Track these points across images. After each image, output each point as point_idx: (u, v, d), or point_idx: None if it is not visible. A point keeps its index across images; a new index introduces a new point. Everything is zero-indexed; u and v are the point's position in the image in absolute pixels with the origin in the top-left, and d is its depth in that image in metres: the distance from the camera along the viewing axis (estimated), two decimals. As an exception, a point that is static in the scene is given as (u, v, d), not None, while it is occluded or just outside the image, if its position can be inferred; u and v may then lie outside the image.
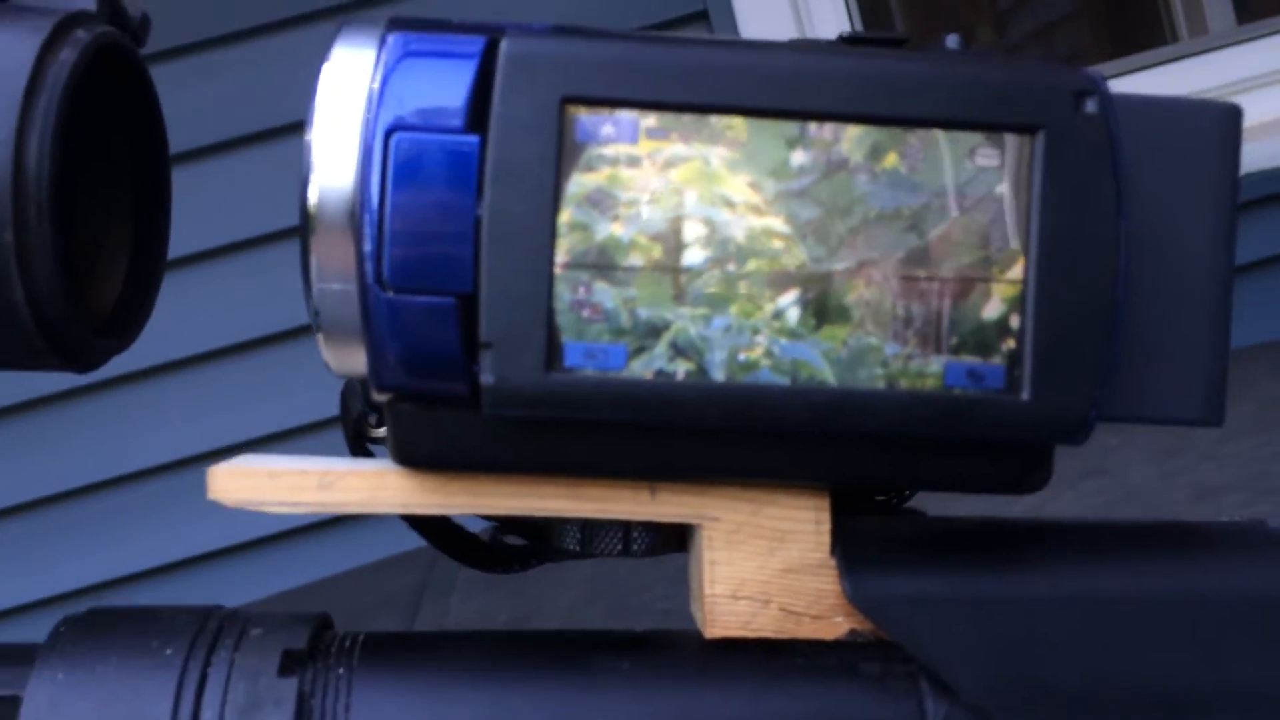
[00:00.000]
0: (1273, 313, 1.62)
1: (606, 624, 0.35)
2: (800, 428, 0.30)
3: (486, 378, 0.29)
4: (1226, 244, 0.32)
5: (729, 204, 0.29)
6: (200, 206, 1.63)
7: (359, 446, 0.36)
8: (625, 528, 0.33)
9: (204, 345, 1.72)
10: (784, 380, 0.29)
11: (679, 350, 0.29)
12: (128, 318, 0.35)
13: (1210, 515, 1.14)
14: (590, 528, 0.33)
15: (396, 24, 0.30)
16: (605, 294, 0.29)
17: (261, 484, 0.32)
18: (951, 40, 0.35)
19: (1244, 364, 1.49)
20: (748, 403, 0.29)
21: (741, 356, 0.29)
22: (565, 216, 0.29)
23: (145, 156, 0.36)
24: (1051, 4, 2.51)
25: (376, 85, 0.29)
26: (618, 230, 0.29)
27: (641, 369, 0.29)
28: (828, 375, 0.30)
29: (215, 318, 1.70)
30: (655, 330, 0.29)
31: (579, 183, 0.29)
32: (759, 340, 0.29)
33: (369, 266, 0.28)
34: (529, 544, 0.37)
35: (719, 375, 0.29)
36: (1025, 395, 0.30)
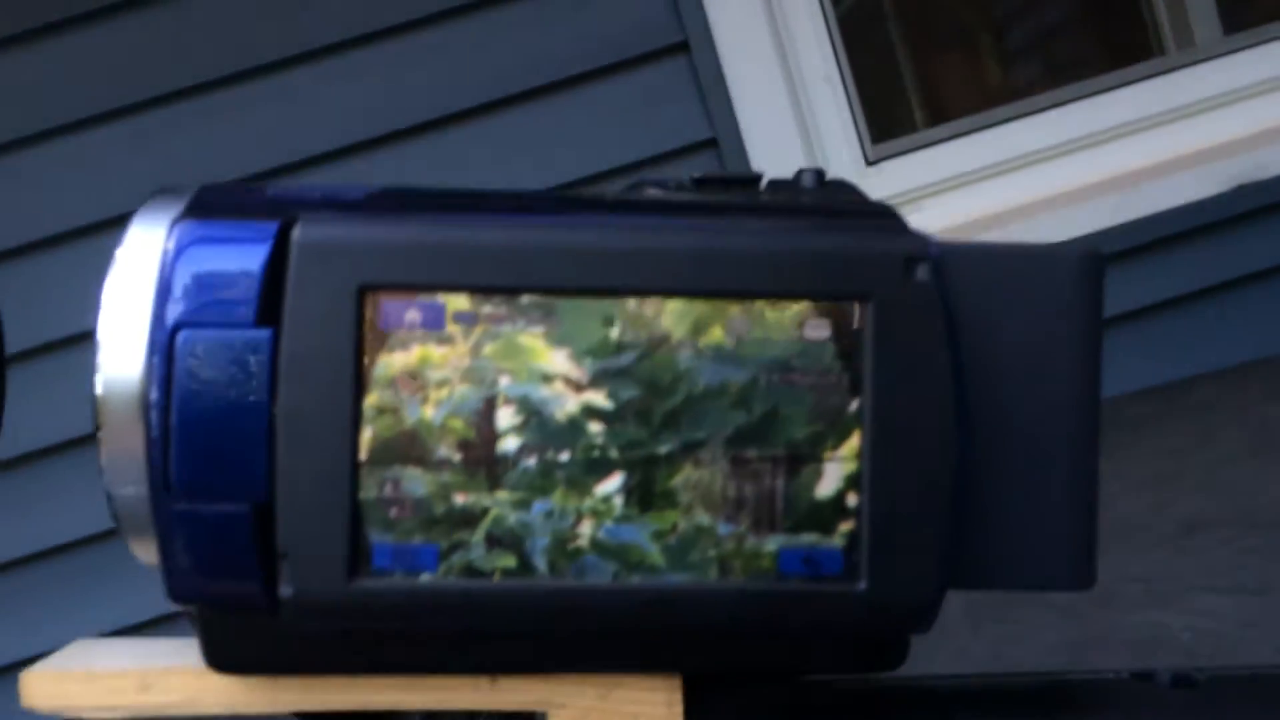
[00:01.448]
0: (1266, 328, 1.59)
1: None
2: (626, 625, 0.28)
3: (285, 590, 0.27)
4: (1089, 397, 0.30)
5: (546, 381, 0.28)
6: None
7: None
8: (469, 715, 0.32)
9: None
10: (611, 566, 0.28)
11: (496, 540, 0.28)
12: None
13: (1200, 550, 1.11)
14: (432, 717, 0.32)
15: (196, 204, 0.28)
16: (416, 482, 0.27)
17: (77, 689, 0.30)
18: (808, 177, 0.33)
19: (1237, 384, 1.46)
20: (568, 603, 0.28)
21: (565, 543, 0.28)
22: (371, 401, 0.27)
23: None
24: (1042, 14, 2.48)
25: (162, 276, 0.27)
26: (428, 413, 0.27)
27: (457, 564, 0.28)
28: (658, 559, 0.28)
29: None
30: (470, 519, 0.28)
31: (385, 364, 0.27)
32: (583, 525, 0.28)
33: (156, 472, 0.27)
34: None
35: (541, 564, 0.28)
36: (862, 583, 0.28)
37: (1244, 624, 0.94)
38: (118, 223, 0.29)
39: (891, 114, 2.17)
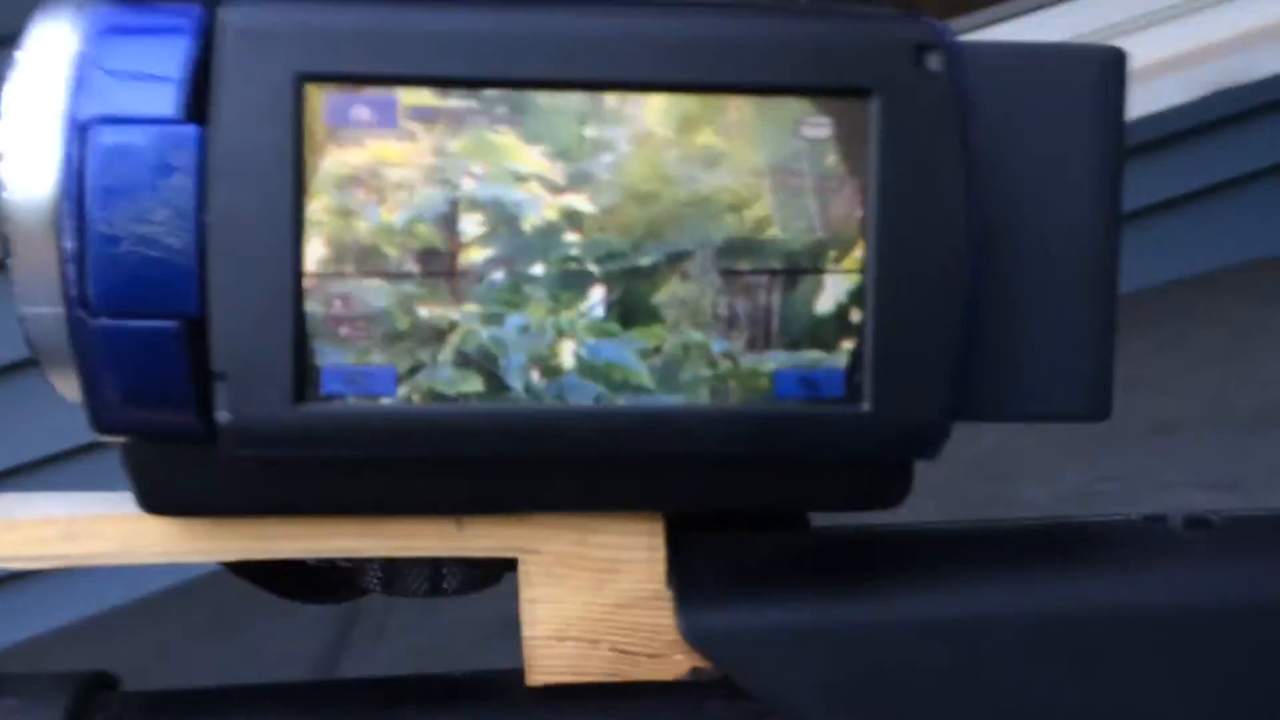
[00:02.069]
0: (1240, 234, 1.58)
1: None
2: (608, 453, 0.25)
3: (222, 415, 0.24)
4: (1110, 212, 0.28)
5: (520, 181, 0.25)
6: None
7: None
8: (433, 565, 0.29)
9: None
10: (595, 387, 0.25)
11: (467, 359, 0.25)
12: None
13: (1174, 450, 1.11)
14: (392, 566, 0.29)
15: None
16: (374, 294, 0.24)
17: (-3, 537, 0.27)
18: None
19: (1212, 289, 1.45)
20: (542, 428, 0.25)
21: (543, 362, 0.25)
22: (322, 204, 0.24)
23: None
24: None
25: (73, 67, 0.24)
26: (389, 216, 0.24)
27: (420, 388, 0.25)
28: (645, 379, 0.25)
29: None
30: (438, 334, 0.25)
31: (339, 162, 0.24)
32: (562, 342, 0.25)
33: (73, 287, 0.24)
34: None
35: (516, 385, 0.25)
36: (866, 405, 0.25)
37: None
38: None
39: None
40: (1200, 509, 0.31)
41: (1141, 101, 1.61)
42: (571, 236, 0.25)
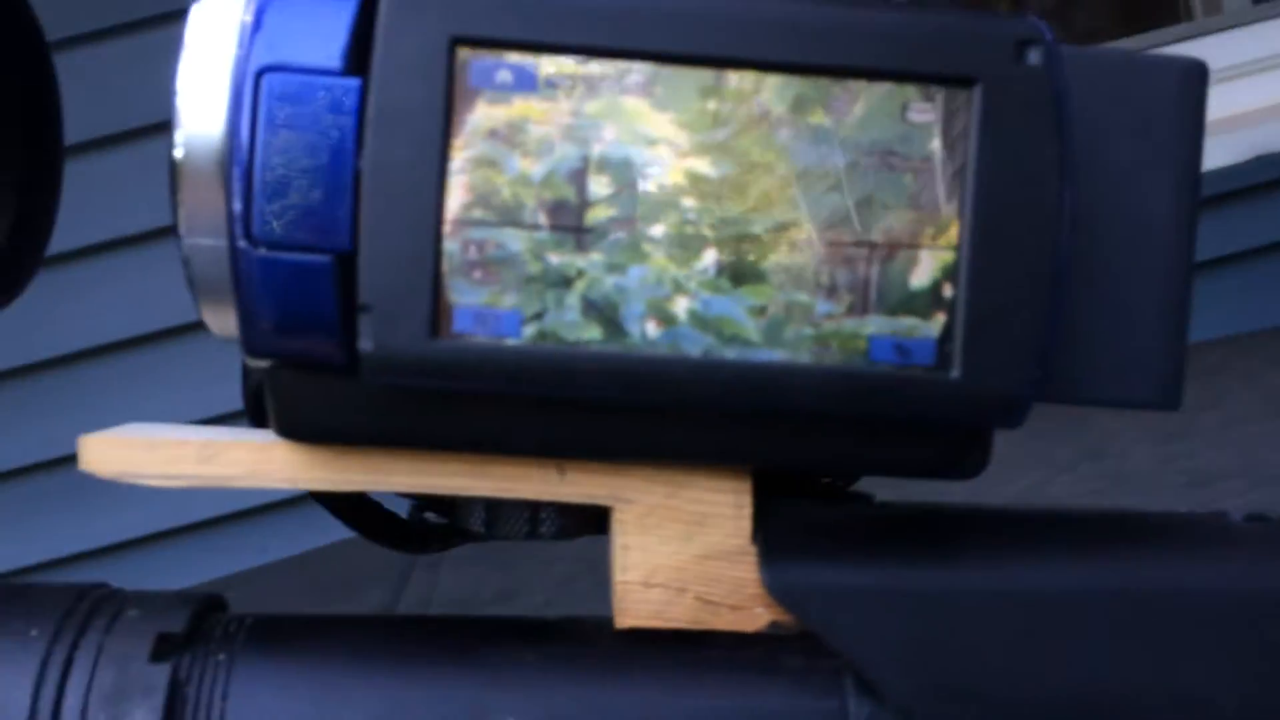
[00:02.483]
0: (1276, 300, 1.59)
1: (597, 598, 0.32)
2: (710, 404, 0.27)
3: (365, 344, 0.26)
4: (1187, 212, 0.30)
5: (650, 144, 0.27)
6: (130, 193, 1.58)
7: (260, 417, 0.34)
8: (532, 508, 0.31)
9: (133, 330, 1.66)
10: (706, 338, 0.27)
11: (591, 305, 0.27)
12: (12, 272, 0.33)
13: (1210, 501, 1.12)
14: (495, 508, 0.31)
15: None
16: (512, 239, 0.27)
17: (137, 455, 0.30)
18: (899, -14, 0.32)
19: (1247, 351, 1.46)
20: (652, 376, 0.27)
21: (660, 311, 0.27)
22: (464, 157, 0.26)
23: (34, 105, 0.34)
24: (1067, -20, 2.46)
25: (248, 21, 0.26)
26: (527, 169, 0.27)
27: (544, 331, 0.27)
28: (752, 334, 0.27)
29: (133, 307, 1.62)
30: (566, 280, 0.27)
31: (482, 119, 0.26)
32: (679, 294, 0.27)
33: (238, 221, 0.26)
34: (449, 522, 0.35)
35: (634, 331, 0.27)
36: (955, 373, 0.27)
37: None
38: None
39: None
40: (1259, 509, 0.33)
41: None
42: (690, 201, 0.27)
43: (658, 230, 0.27)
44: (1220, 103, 1.70)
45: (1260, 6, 1.77)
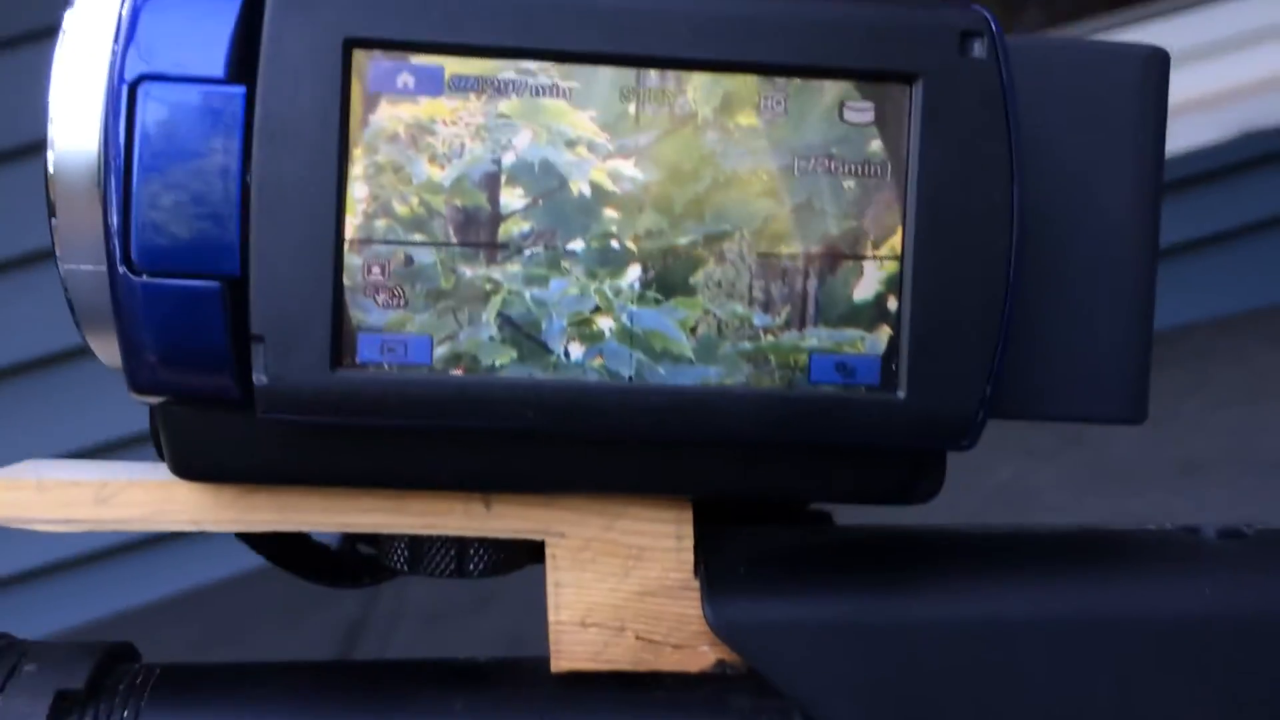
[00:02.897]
0: (1264, 278, 1.57)
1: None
2: (638, 432, 0.25)
3: (259, 377, 0.24)
4: (1150, 210, 0.28)
5: (570, 146, 0.25)
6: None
7: None
8: (459, 545, 0.29)
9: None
10: (634, 354, 0.25)
11: (509, 321, 0.25)
12: None
13: (1197, 490, 1.10)
14: (418, 544, 0.29)
15: None
16: (421, 253, 0.24)
17: (28, 498, 0.27)
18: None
19: (1238, 331, 1.44)
20: (575, 404, 0.25)
21: (584, 326, 0.25)
22: (365, 168, 0.24)
23: None
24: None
25: (122, 27, 0.24)
26: (436, 174, 0.24)
27: (457, 353, 0.25)
28: (685, 349, 0.25)
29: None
30: (480, 296, 0.25)
31: (384, 126, 0.24)
32: (604, 307, 0.25)
33: (115, 245, 0.24)
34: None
35: (557, 348, 0.25)
36: (901, 393, 0.25)
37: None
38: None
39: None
40: (1233, 522, 0.31)
41: (1169, 140, 1.60)
42: (609, 213, 0.25)
43: (577, 245, 0.25)
44: (1205, 79, 1.68)
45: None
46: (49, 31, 0.26)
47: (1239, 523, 0.31)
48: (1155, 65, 0.27)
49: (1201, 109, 1.64)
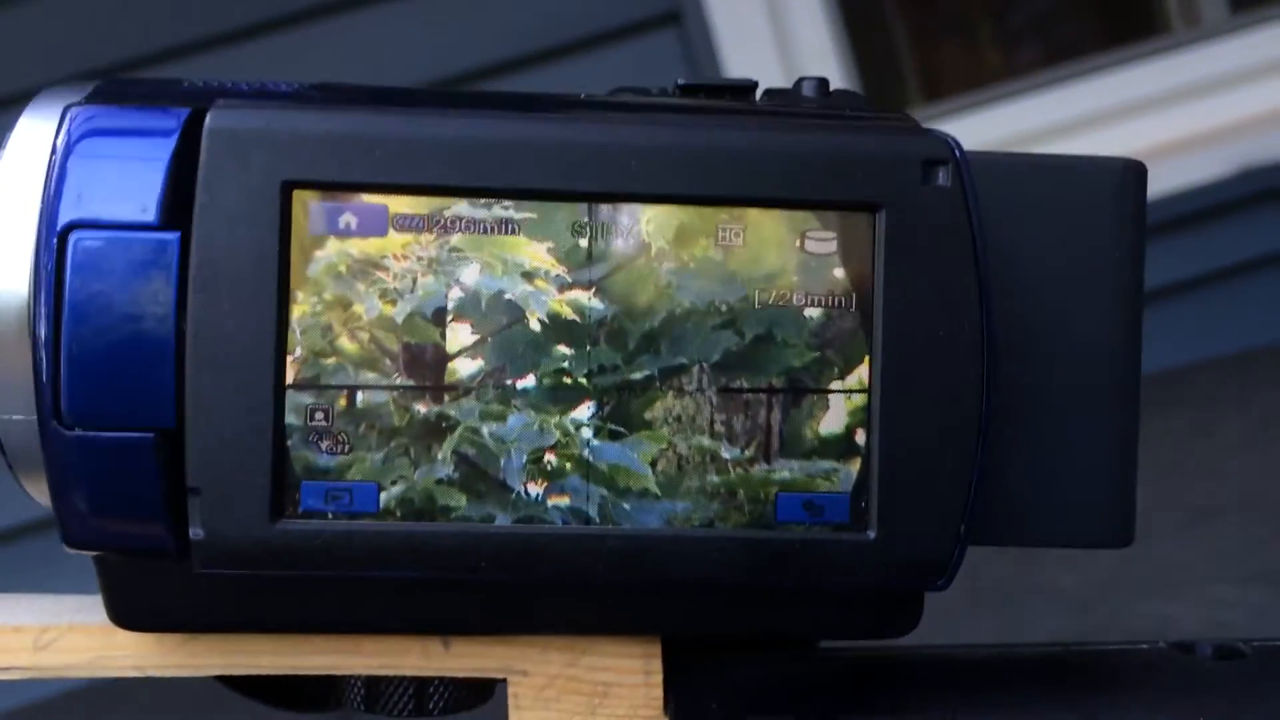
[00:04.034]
0: (1268, 316, 1.55)
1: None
2: (596, 579, 0.24)
3: (195, 531, 0.23)
4: (1132, 327, 0.26)
5: (527, 278, 0.24)
6: None
7: None
8: (418, 683, 0.28)
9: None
10: (598, 490, 0.24)
11: (465, 459, 0.24)
12: None
13: (1207, 541, 1.08)
14: (375, 684, 0.28)
15: (99, 92, 0.24)
16: (372, 392, 0.24)
17: (-36, 646, 0.26)
18: (808, 86, 0.29)
19: (1239, 372, 1.43)
20: (528, 550, 0.24)
21: (544, 462, 0.24)
22: (316, 301, 0.23)
23: None
24: (1044, -5, 2.44)
25: (53, 172, 0.23)
26: (389, 310, 0.24)
27: (407, 496, 0.24)
28: (650, 484, 0.24)
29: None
30: (437, 432, 0.24)
31: (339, 251, 0.23)
32: (565, 442, 0.24)
33: (46, 397, 0.23)
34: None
35: (516, 485, 0.24)
36: (871, 532, 0.24)
37: (1256, 613, 0.91)
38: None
39: (889, 93, 2.13)
40: (1227, 638, 0.30)
41: (1168, 178, 1.60)
42: (561, 349, 0.24)
43: (528, 381, 0.24)
44: (1203, 116, 1.67)
45: (1239, 16, 1.75)
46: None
47: (1236, 640, 0.30)
48: (1131, 177, 0.26)
49: (1200, 145, 1.63)
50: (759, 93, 0.29)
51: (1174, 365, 1.47)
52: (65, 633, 0.27)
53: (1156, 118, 1.67)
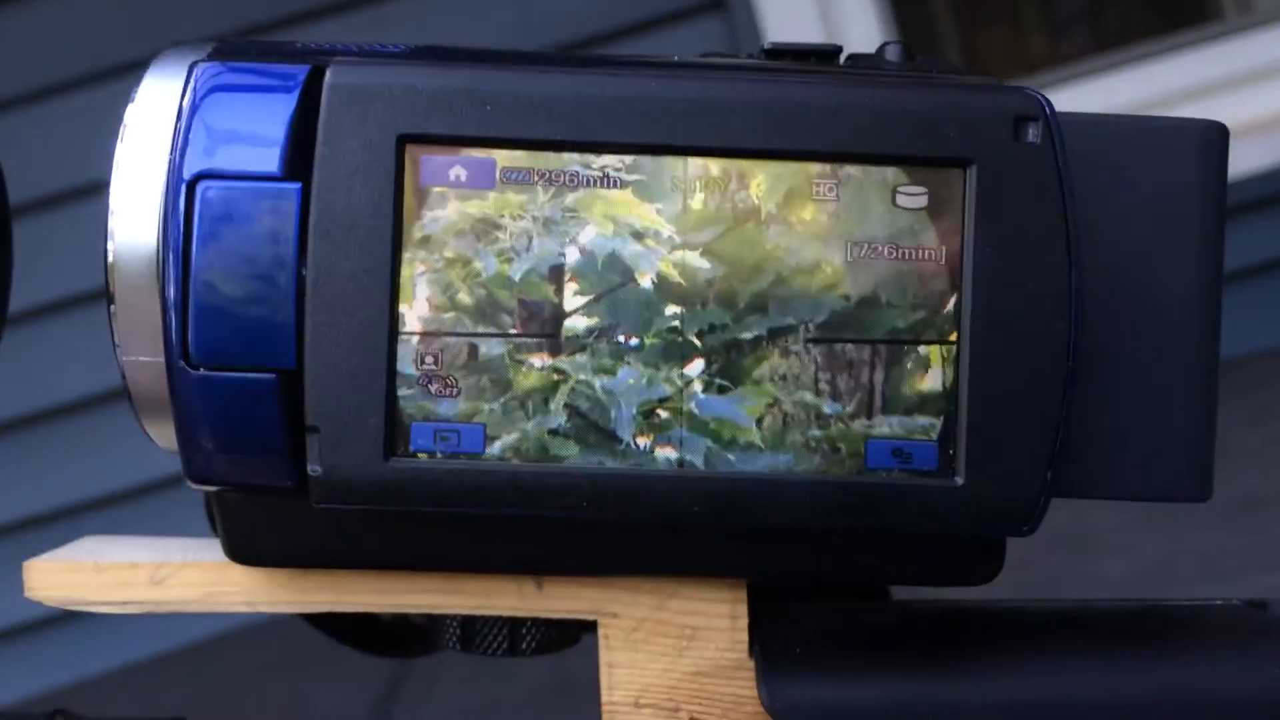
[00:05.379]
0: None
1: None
2: (691, 521, 0.25)
3: (314, 468, 0.24)
4: (1212, 285, 0.27)
5: (638, 237, 0.25)
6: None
7: None
8: (512, 624, 0.29)
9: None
10: (704, 441, 0.25)
11: (576, 411, 0.25)
12: None
13: (1260, 528, 1.07)
14: (470, 624, 0.29)
15: (219, 51, 0.26)
16: (488, 343, 0.25)
17: (85, 580, 0.28)
18: (892, 50, 0.30)
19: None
20: (630, 493, 0.25)
21: (654, 414, 0.25)
22: (419, 261, 0.24)
23: None
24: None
25: (181, 124, 0.24)
26: (506, 268, 0.25)
27: (520, 443, 0.25)
28: (754, 436, 0.25)
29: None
30: (549, 385, 0.25)
31: (458, 210, 0.24)
32: (674, 394, 0.25)
33: (174, 338, 0.24)
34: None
35: (626, 435, 0.25)
36: (959, 479, 0.25)
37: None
38: (129, 70, 0.26)
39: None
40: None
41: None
42: (672, 309, 0.25)
43: (640, 339, 0.25)
44: (1257, 103, 1.65)
45: (1294, 5, 1.73)
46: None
47: None
48: (1214, 137, 0.27)
49: (1255, 133, 1.61)
50: (843, 57, 0.30)
51: (1228, 356, 1.46)
52: (180, 569, 0.28)
53: (1209, 105, 1.65)
